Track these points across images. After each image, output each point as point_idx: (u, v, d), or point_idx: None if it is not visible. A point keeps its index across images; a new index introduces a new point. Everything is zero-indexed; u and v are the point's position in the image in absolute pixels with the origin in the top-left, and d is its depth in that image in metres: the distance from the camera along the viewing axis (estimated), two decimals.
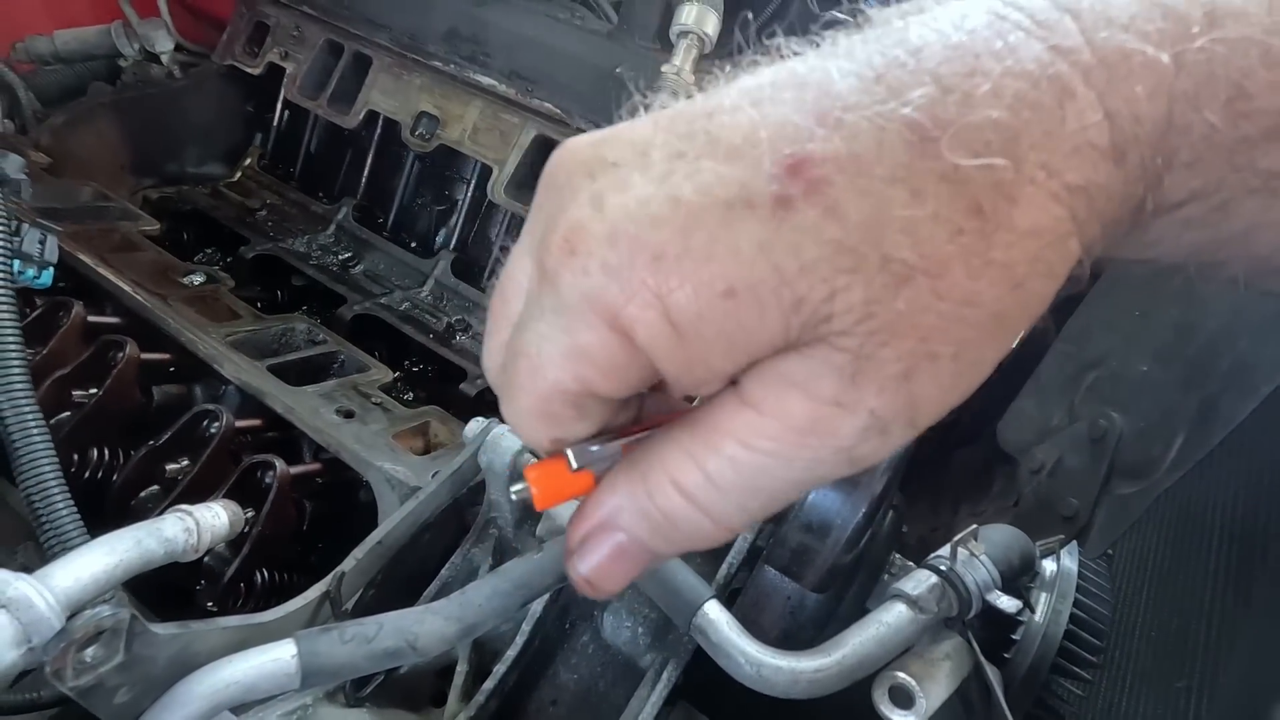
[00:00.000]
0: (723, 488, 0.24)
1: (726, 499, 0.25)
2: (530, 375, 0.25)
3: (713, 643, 0.48)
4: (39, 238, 0.73)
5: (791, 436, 0.23)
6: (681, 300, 0.22)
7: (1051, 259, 0.23)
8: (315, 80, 1.19)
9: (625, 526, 0.26)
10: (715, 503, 0.25)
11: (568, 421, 0.26)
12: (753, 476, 0.24)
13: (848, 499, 0.51)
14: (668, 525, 0.26)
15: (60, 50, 1.21)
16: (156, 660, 0.40)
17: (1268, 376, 0.49)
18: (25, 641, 0.36)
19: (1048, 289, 0.23)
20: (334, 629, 0.46)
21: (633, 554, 0.27)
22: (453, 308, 1.10)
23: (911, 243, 0.22)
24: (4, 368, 0.59)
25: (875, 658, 0.47)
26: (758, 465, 0.24)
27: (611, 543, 0.27)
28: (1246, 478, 0.52)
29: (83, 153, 1.13)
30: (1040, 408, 0.71)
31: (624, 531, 0.26)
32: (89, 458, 0.74)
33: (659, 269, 0.22)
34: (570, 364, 0.24)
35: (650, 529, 0.26)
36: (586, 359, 0.24)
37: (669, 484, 0.25)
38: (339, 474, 0.76)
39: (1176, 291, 0.62)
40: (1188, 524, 0.56)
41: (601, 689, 0.62)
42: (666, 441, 0.25)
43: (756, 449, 0.24)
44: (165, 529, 0.45)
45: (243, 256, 1.10)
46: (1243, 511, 0.51)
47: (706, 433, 0.24)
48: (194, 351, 0.81)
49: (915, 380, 0.23)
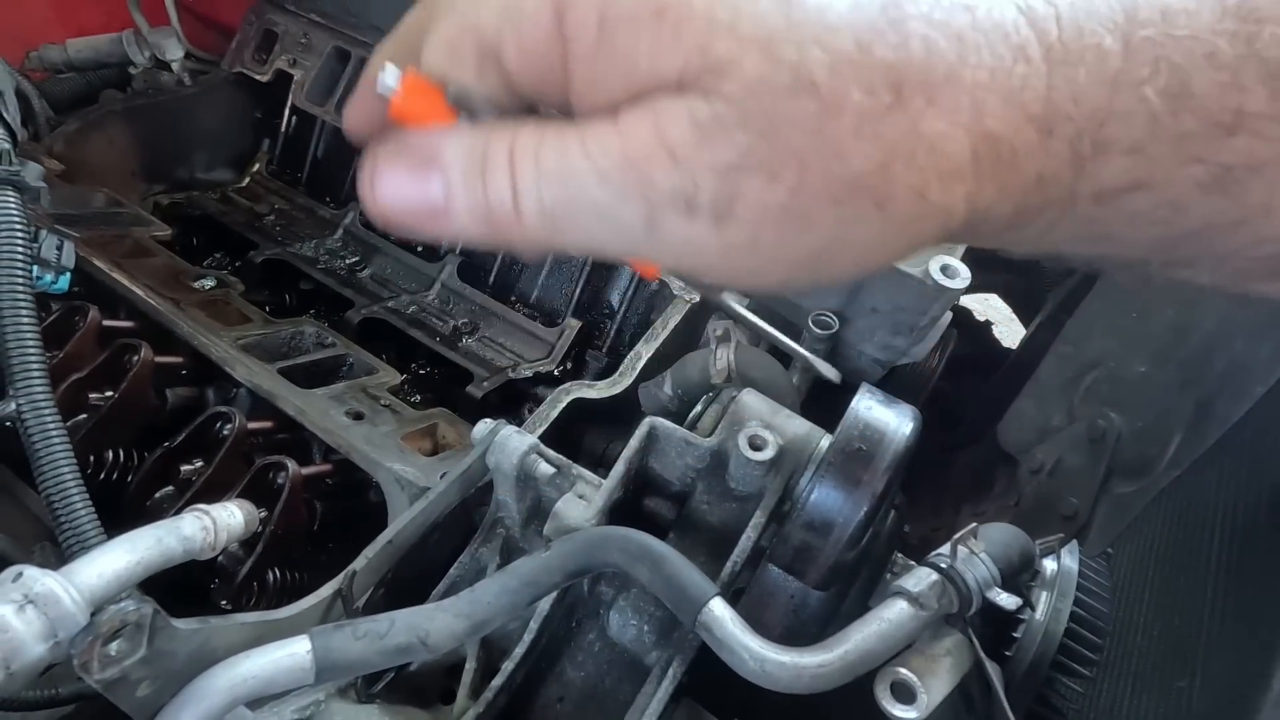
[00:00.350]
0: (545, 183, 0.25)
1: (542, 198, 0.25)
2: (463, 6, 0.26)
3: (717, 639, 0.49)
4: (56, 244, 0.74)
5: (620, 160, 0.24)
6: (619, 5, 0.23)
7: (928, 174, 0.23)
8: (323, 86, 1.21)
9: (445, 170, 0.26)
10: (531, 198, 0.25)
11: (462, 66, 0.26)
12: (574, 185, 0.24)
13: (849, 498, 0.52)
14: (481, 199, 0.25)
15: (73, 59, 1.23)
16: (177, 654, 0.41)
17: (1262, 377, 0.50)
18: (52, 636, 0.37)
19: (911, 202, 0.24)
20: (347, 625, 0.47)
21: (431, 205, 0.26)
22: (459, 311, 1.11)
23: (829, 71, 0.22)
24: (25, 372, 0.60)
25: (877, 653, 0.48)
26: (582, 174, 0.24)
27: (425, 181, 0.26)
28: (1246, 478, 0.53)
29: (94, 159, 1.14)
30: (1040, 408, 0.72)
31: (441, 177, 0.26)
32: (105, 459, 0.76)
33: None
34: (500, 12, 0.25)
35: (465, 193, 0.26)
36: (516, 16, 0.24)
37: (505, 159, 0.25)
38: (349, 475, 0.77)
39: (1173, 293, 0.63)
40: (1188, 524, 0.56)
41: (608, 686, 0.63)
42: (526, 126, 0.25)
43: (590, 156, 0.24)
44: (184, 527, 0.46)
45: (252, 261, 1.11)
46: (1242, 511, 0.52)
47: (562, 129, 0.25)
48: (206, 355, 0.82)
49: (744, 181, 0.23)
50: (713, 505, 0.62)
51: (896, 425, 0.53)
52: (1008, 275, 1.23)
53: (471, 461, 0.66)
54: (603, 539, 0.54)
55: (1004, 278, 1.25)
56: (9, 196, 0.66)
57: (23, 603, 0.36)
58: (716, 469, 0.61)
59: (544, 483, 0.63)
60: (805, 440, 0.60)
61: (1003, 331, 1.50)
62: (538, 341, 1.07)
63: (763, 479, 0.59)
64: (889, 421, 0.53)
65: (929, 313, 0.69)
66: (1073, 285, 0.87)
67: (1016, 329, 1.46)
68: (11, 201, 0.66)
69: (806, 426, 0.61)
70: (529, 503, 0.65)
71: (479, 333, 1.08)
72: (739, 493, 0.61)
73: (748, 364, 0.72)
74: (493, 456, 0.63)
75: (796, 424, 0.61)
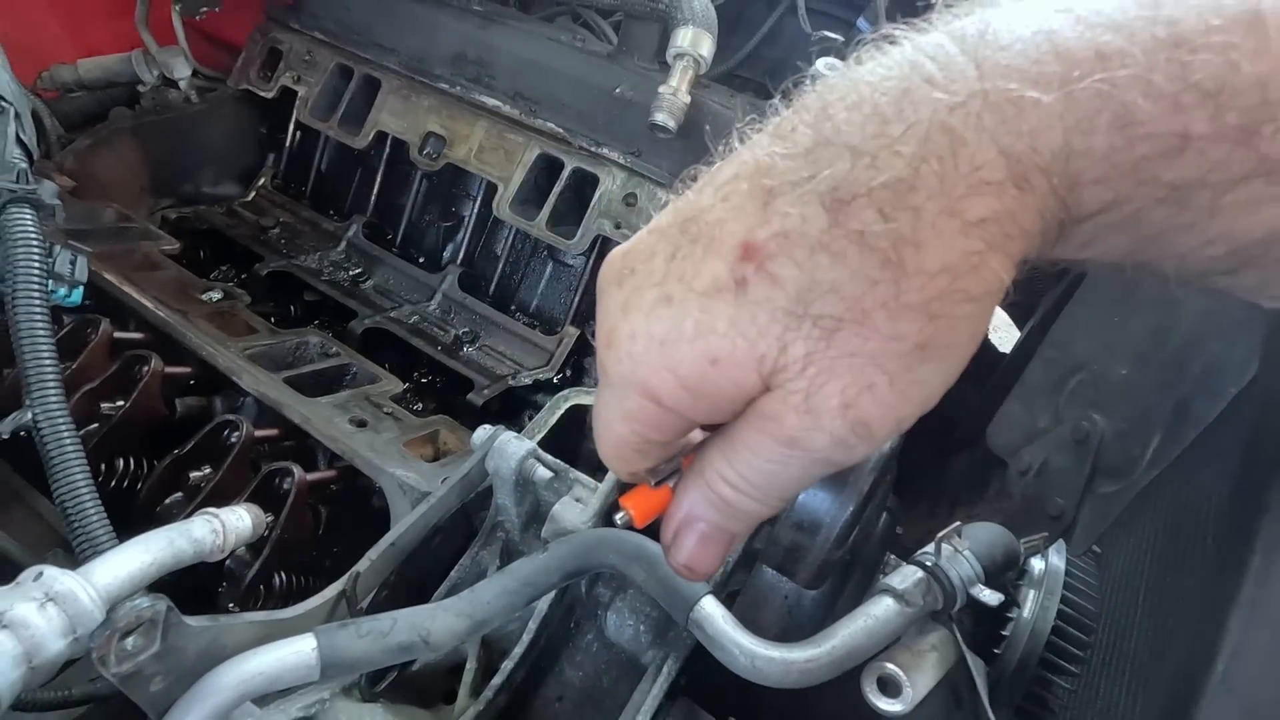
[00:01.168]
0: (751, 480, 0.32)
1: (756, 487, 0.33)
2: (604, 431, 0.34)
3: (709, 636, 0.51)
4: (70, 259, 0.77)
5: (781, 449, 0.31)
6: (684, 370, 0.30)
7: (966, 286, 0.28)
8: (326, 102, 1.24)
9: (701, 515, 0.35)
10: (751, 489, 0.33)
11: (635, 460, 0.35)
12: (767, 474, 0.32)
13: (836, 498, 0.54)
14: (728, 507, 0.34)
15: (83, 78, 1.26)
16: (189, 651, 0.43)
17: (1235, 378, 0.51)
18: (71, 632, 0.39)
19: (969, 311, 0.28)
20: (351, 624, 0.49)
21: (714, 536, 0.35)
22: (460, 320, 1.13)
23: (837, 299, 0.28)
24: (41, 383, 0.62)
25: (864, 649, 0.50)
26: (767, 468, 0.32)
27: (696, 532, 0.35)
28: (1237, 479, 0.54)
29: (104, 175, 1.17)
30: (1027, 411, 0.73)
31: (702, 520, 0.35)
32: (116, 467, 0.78)
33: (665, 352, 0.30)
34: (625, 423, 0.33)
35: (718, 513, 0.34)
36: (635, 419, 0.33)
37: (719, 478, 0.33)
38: (353, 480, 0.79)
39: (1153, 298, 0.64)
40: (1181, 525, 0.58)
41: (605, 685, 0.64)
42: (710, 449, 0.34)
43: (762, 457, 0.31)
44: (194, 530, 0.48)
45: (258, 273, 1.13)
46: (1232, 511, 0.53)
47: (730, 444, 0.32)
48: (214, 365, 0.84)
49: (858, 406, 0.29)
50: None
51: None
52: None
53: (471, 466, 0.67)
54: (598, 540, 0.56)
55: None
56: (26, 214, 0.69)
57: (44, 600, 0.38)
58: None
59: (542, 486, 0.65)
60: None
61: (1002, 337, 1.51)
62: (537, 349, 1.09)
63: None
64: None
65: None
66: (1061, 291, 0.88)
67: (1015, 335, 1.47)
68: (29, 219, 0.69)
69: None
70: (528, 506, 0.67)
71: (479, 341, 1.10)
72: None
73: None
74: (492, 461, 0.64)
75: None
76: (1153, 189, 0.27)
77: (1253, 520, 0.39)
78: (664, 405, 0.31)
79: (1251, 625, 0.36)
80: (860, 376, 0.28)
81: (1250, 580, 0.37)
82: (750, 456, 0.32)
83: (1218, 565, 0.46)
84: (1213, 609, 0.38)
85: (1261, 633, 0.35)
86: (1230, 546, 0.43)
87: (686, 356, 0.30)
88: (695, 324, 0.30)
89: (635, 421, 0.33)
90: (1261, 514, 0.39)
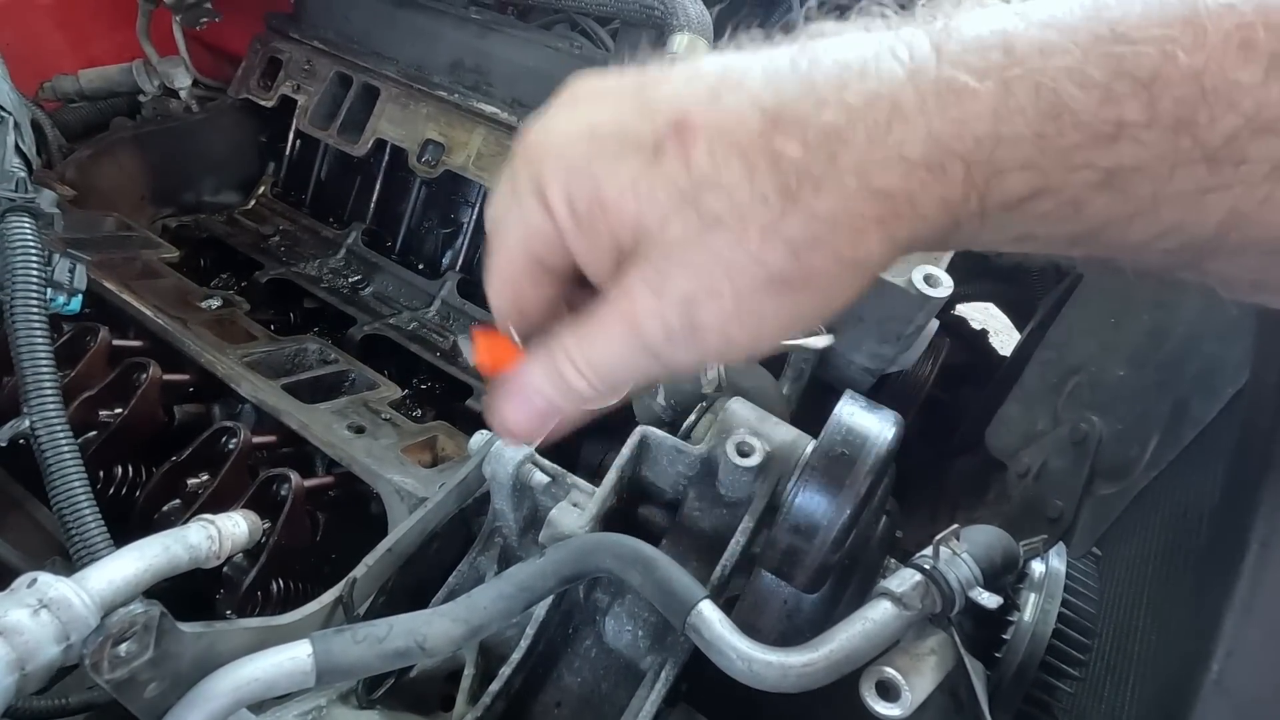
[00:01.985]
0: (590, 359, 0.34)
1: (593, 366, 0.34)
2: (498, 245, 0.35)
3: (706, 640, 0.50)
4: (69, 267, 0.77)
5: (621, 327, 0.32)
6: (577, 200, 0.32)
7: (841, 245, 0.29)
8: (326, 111, 1.24)
9: (538, 387, 0.35)
10: (587, 367, 0.34)
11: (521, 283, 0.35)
12: (604, 353, 0.33)
13: (833, 501, 0.54)
14: (563, 383, 0.35)
15: (85, 88, 1.27)
16: (183, 657, 0.43)
17: (1231, 378, 0.51)
18: (65, 638, 0.39)
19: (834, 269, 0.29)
20: (347, 630, 0.49)
21: (542, 409, 0.36)
22: (459, 327, 1.13)
23: (728, 200, 0.29)
24: (39, 391, 0.62)
25: (862, 652, 0.49)
26: (606, 347, 0.33)
27: (527, 399, 0.36)
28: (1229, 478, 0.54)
29: (105, 184, 1.18)
30: (1025, 413, 0.73)
31: (538, 392, 0.36)
32: (114, 474, 0.78)
33: (571, 175, 0.32)
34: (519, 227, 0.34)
35: (554, 387, 0.35)
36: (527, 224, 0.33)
37: (563, 353, 0.34)
38: (351, 486, 0.79)
39: (1149, 299, 0.64)
40: (1180, 525, 0.57)
41: (604, 691, 0.64)
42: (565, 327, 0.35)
43: (603, 334, 0.33)
44: (190, 536, 0.48)
45: (257, 281, 1.14)
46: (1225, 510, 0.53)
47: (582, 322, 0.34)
48: (213, 372, 0.85)
49: (698, 307, 0.30)
50: (704, 512, 0.64)
51: (879, 430, 0.55)
52: (1001, 285, 1.24)
53: (468, 471, 0.67)
54: (595, 545, 0.56)
55: (998, 287, 1.27)
56: (25, 223, 0.69)
57: (37, 606, 0.38)
58: (707, 476, 0.63)
59: (539, 491, 0.65)
60: (792, 447, 0.61)
61: (1003, 340, 1.51)
62: None
63: (751, 485, 0.61)
64: (871, 426, 0.55)
65: (914, 321, 0.71)
66: (1060, 293, 0.88)
67: (1015, 338, 1.47)
68: (27, 227, 0.69)
69: (793, 433, 0.63)
70: (525, 511, 0.67)
71: None
72: (729, 499, 0.63)
73: (738, 374, 0.74)
74: (489, 466, 0.64)
75: (784, 431, 0.63)
76: (1086, 175, 0.28)
77: (1244, 518, 0.39)
78: (553, 214, 0.32)
79: (1244, 625, 0.35)
80: (711, 279, 0.30)
81: (1243, 579, 0.37)
82: (594, 332, 0.33)
83: (1213, 564, 0.46)
84: (1209, 609, 0.38)
85: (1254, 632, 0.35)
86: (1224, 546, 0.43)
87: (584, 187, 0.31)
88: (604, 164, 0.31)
89: (526, 227, 0.33)
90: (1252, 512, 0.39)
